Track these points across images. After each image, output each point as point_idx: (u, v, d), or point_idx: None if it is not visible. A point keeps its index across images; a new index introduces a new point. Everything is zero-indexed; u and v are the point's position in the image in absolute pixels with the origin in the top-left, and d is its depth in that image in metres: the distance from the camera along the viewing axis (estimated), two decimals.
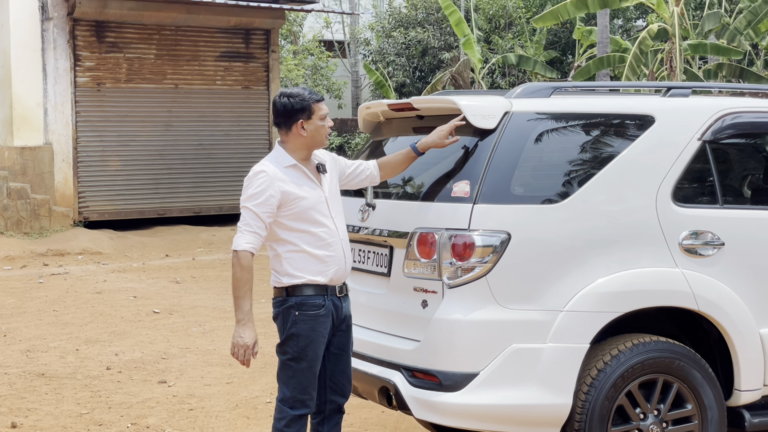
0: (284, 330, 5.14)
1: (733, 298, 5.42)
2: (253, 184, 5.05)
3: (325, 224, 5.14)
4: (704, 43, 20.74)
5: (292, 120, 5.14)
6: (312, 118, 5.14)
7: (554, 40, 30.01)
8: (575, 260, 5.20)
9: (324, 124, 5.19)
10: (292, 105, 5.12)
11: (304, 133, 5.14)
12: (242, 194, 5.10)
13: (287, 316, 5.12)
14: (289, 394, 5.14)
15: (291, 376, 5.13)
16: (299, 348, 5.10)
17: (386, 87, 26.48)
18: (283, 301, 5.14)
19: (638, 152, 5.42)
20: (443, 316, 5.15)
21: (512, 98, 5.44)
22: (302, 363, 5.11)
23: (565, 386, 5.13)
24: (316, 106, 5.15)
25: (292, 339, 5.10)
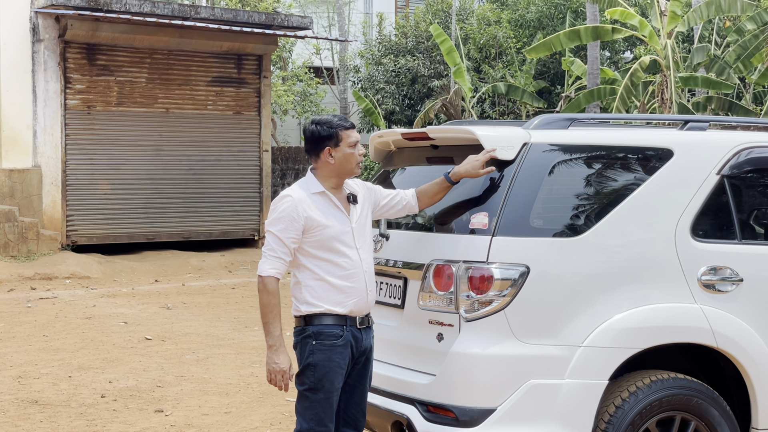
0: (302, 360, 5.07)
1: (751, 334, 5.36)
2: (278, 209, 5.01)
3: (348, 255, 5.07)
4: (695, 76, 20.80)
5: (319, 147, 5.10)
6: (340, 146, 5.09)
7: (543, 70, 30.08)
8: (594, 295, 5.13)
9: (353, 152, 5.12)
10: (320, 132, 5.08)
11: (332, 160, 5.09)
12: (268, 218, 5.06)
13: (305, 345, 5.05)
14: (306, 425, 5.05)
15: (308, 407, 5.05)
16: (316, 378, 5.02)
17: (375, 114, 26.46)
18: (302, 330, 5.07)
19: (657, 186, 5.36)
20: (460, 350, 5.06)
21: (530, 129, 5.37)
22: (319, 394, 5.02)
23: (584, 423, 5.05)
24: (344, 134, 5.09)
25: (309, 369, 5.03)
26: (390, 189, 5.50)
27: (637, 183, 5.36)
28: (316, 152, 5.13)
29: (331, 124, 5.09)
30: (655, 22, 20.48)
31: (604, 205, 5.28)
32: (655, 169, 5.40)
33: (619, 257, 5.22)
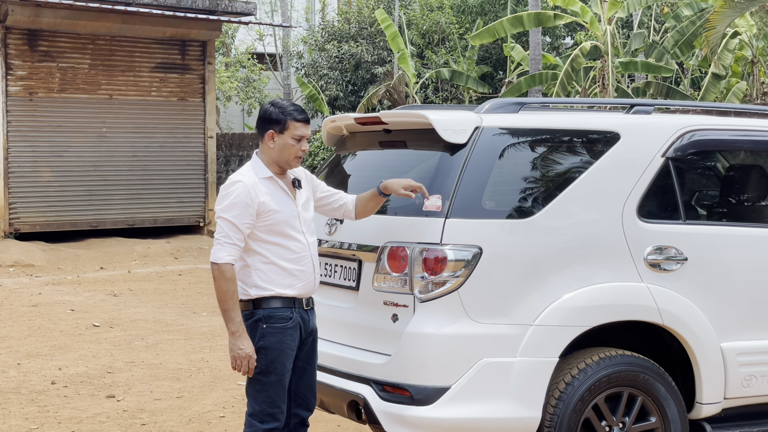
0: (252, 343, 5.09)
1: (695, 312, 5.51)
2: (231, 194, 5.01)
3: (297, 239, 5.13)
4: (635, 61, 21.10)
5: (265, 128, 5.15)
6: (284, 134, 5.11)
7: (486, 55, 30.26)
8: (544, 275, 5.25)
9: (295, 145, 5.13)
10: (270, 114, 5.13)
11: (272, 145, 5.12)
12: (218, 204, 5.04)
13: (255, 329, 5.08)
14: (259, 408, 5.11)
15: (260, 390, 5.10)
16: (268, 361, 5.07)
17: (319, 100, 26.47)
18: (251, 314, 5.10)
19: (604, 168, 5.50)
20: (415, 330, 5.16)
21: (482, 113, 5.48)
22: (271, 376, 5.08)
23: (535, 400, 5.17)
24: (292, 124, 5.11)
25: (261, 352, 5.07)
26: (331, 188, 5.56)
27: (585, 166, 5.49)
28: (260, 132, 5.18)
29: (284, 111, 5.12)
30: (595, 8, 20.74)
31: (554, 188, 5.40)
32: (602, 152, 5.53)
33: (568, 238, 5.35)
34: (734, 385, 5.63)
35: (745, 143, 6.10)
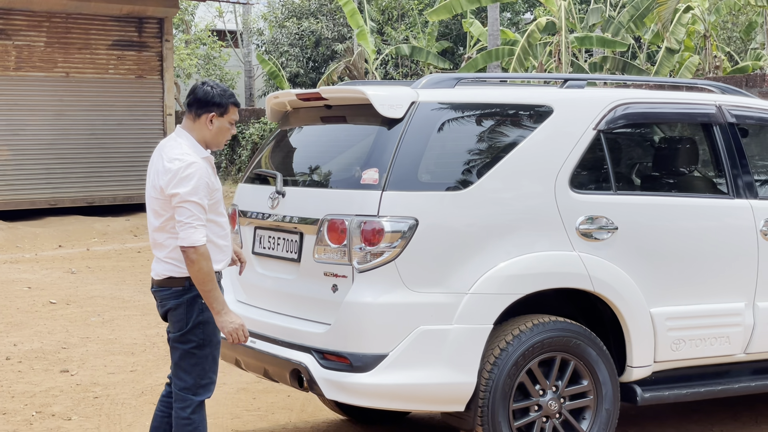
0: (189, 319, 5.13)
1: (625, 279, 5.71)
2: (194, 176, 4.97)
3: (224, 215, 5.23)
4: (590, 36, 21.32)
5: (205, 109, 5.14)
6: (224, 117, 5.16)
7: (445, 31, 30.41)
8: (479, 245, 5.42)
9: (230, 129, 5.20)
10: (213, 96, 5.12)
11: (210, 127, 5.14)
12: (180, 187, 4.95)
13: (193, 304, 5.11)
14: (192, 381, 5.17)
15: (195, 363, 5.17)
16: (205, 335, 5.15)
17: (280, 77, 26.53)
18: (187, 290, 5.12)
19: (538, 141, 5.67)
20: (353, 299, 5.32)
21: (418, 88, 5.63)
22: (206, 349, 5.16)
23: (470, 365, 5.35)
24: (232, 109, 5.17)
25: (199, 327, 5.13)
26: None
27: (519, 139, 5.66)
28: (198, 112, 5.14)
29: (225, 94, 5.15)
30: None
31: (489, 161, 5.57)
32: (536, 126, 5.70)
33: (502, 209, 5.52)
34: (663, 349, 5.84)
35: (674, 116, 6.29)
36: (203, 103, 5.14)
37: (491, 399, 5.41)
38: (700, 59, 20.81)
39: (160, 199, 5.06)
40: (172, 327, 5.22)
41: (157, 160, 5.14)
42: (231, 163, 27.22)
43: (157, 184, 5.05)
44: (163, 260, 5.13)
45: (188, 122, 5.18)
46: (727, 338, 6.01)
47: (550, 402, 5.58)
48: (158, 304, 5.30)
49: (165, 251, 5.11)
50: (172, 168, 4.98)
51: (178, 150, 5.06)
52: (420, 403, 5.46)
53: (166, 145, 5.16)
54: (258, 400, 7.50)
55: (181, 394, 5.19)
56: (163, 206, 5.06)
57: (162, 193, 5.02)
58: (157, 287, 5.22)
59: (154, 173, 5.13)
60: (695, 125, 6.31)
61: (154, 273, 5.22)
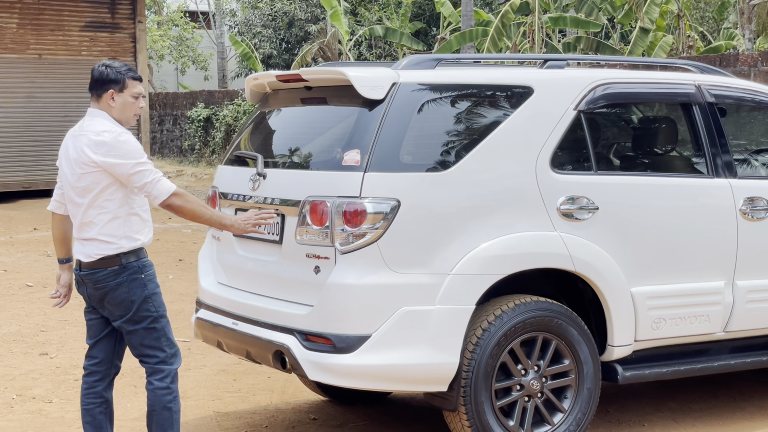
0: (132, 298, 5.12)
1: (606, 259, 5.74)
2: (130, 142, 5.04)
3: None
4: (564, 16, 21.32)
5: (103, 88, 5.14)
6: (123, 92, 5.16)
7: (419, 12, 30.36)
8: (461, 226, 5.44)
9: (134, 103, 5.20)
10: (108, 74, 5.13)
11: (113, 104, 5.15)
12: (125, 157, 4.98)
13: (134, 281, 5.12)
14: (164, 354, 5.23)
15: (159, 335, 5.21)
16: (156, 306, 5.18)
17: (253, 59, 26.43)
18: (123, 269, 5.11)
19: (518, 122, 5.68)
20: (336, 280, 5.32)
21: (399, 69, 5.63)
22: (163, 319, 5.22)
23: (453, 346, 5.37)
24: (130, 82, 5.18)
25: (149, 301, 5.14)
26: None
27: (500, 119, 5.67)
28: (99, 93, 5.16)
29: (120, 71, 5.17)
30: None
31: (470, 141, 5.58)
32: (516, 106, 5.71)
33: (484, 190, 5.53)
34: (644, 328, 5.88)
35: (654, 95, 6.32)
36: (100, 82, 5.17)
37: (474, 379, 5.43)
38: (673, 39, 20.87)
39: (89, 173, 5.05)
40: (115, 311, 5.16)
41: (75, 143, 5.12)
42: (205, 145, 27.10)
43: (84, 159, 5.03)
44: (94, 239, 5.09)
45: (94, 103, 5.21)
46: (707, 317, 6.06)
47: (532, 381, 5.61)
48: (89, 289, 5.19)
49: (95, 228, 5.10)
50: (105, 140, 5.02)
51: (101, 125, 5.09)
52: (403, 383, 5.48)
53: (82, 125, 5.17)
54: (238, 382, 7.50)
55: (157, 367, 5.23)
56: (93, 180, 5.05)
57: (92, 166, 5.01)
58: (88, 270, 5.14)
59: (74, 154, 5.09)
60: (675, 105, 6.33)
61: (83, 255, 5.15)
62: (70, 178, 5.15)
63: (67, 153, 5.17)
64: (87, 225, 5.12)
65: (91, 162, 5.03)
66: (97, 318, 5.32)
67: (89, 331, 5.39)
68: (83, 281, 5.20)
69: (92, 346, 5.38)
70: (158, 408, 5.26)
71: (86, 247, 5.13)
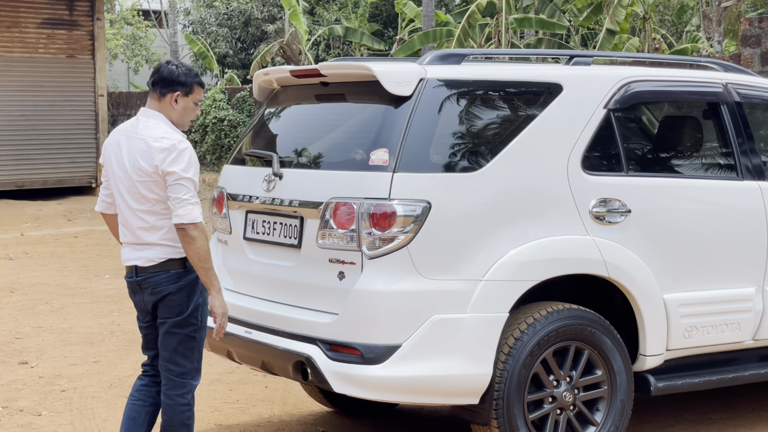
0: (188, 303, 4.95)
1: (639, 264, 5.49)
2: (186, 153, 4.82)
3: None
4: (529, 17, 21.18)
5: (170, 89, 4.95)
6: (189, 97, 4.98)
7: (376, 12, 30.10)
8: (493, 229, 5.16)
9: (195, 109, 5.03)
10: (178, 75, 4.95)
11: (176, 106, 4.96)
12: (175, 165, 4.77)
13: (193, 287, 4.95)
14: (191, 365, 5.00)
15: (193, 347, 5.00)
16: (202, 317, 5.00)
17: (209, 58, 26.00)
18: (184, 273, 4.94)
19: (549, 120, 5.42)
20: (364, 287, 5.02)
21: (425, 65, 5.34)
22: (202, 332, 5.02)
23: (486, 356, 5.09)
24: (197, 89, 5.00)
25: (198, 310, 4.97)
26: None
27: (530, 117, 5.40)
28: (164, 92, 4.95)
29: (189, 74, 4.99)
30: None
31: (500, 140, 5.30)
32: (546, 104, 5.45)
33: (516, 191, 5.26)
34: (676, 337, 5.64)
35: (683, 94, 6.08)
36: (168, 82, 4.96)
37: (506, 391, 5.16)
38: (639, 41, 20.82)
39: (148, 181, 4.84)
40: (167, 312, 4.96)
41: (130, 144, 4.87)
42: None
43: (142, 165, 4.82)
44: (157, 244, 4.90)
45: (153, 102, 4.98)
46: (738, 325, 5.84)
47: (564, 393, 5.34)
48: (146, 294, 4.98)
49: (159, 233, 4.90)
50: (163, 146, 4.80)
51: (160, 130, 4.88)
52: (434, 396, 5.18)
53: (137, 126, 4.93)
54: (235, 392, 7.17)
55: (179, 380, 4.98)
56: (152, 188, 4.84)
57: (151, 174, 4.81)
58: (149, 274, 4.94)
59: (132, 156, 4.85)
60: (703, 104, 6.10)
61: (141, 260, 4.95)
62: (125, 183, 4.90)
63: (120, 155, 4.91)
64: (146, 230, 4.89)
65: (151, 169, 4.80)
66: (151, 332, 5.11)
67: (146, 344, 5.19)
68: (140, 287, 4.98)
69: (151, 357, 5.19)
70: (176, 423, 4.99)
71: (145, 252, 4.91)
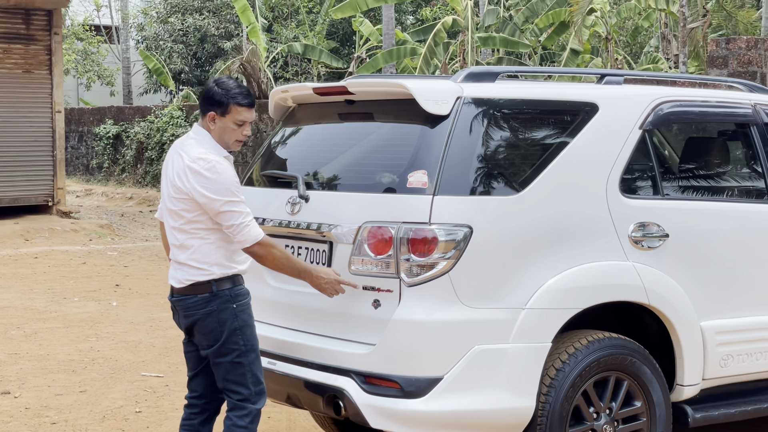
0: (222, 328, 4.78)
1: (678, 290, 5.30)
2: (223, 175, 4.70)
3: None
4: (494, 36, 21.11)
5: (207, 108, 4.86)
6: (225, 117, 4.82)
7: (332, 30, 29.89)
8: (534, 254, 4.94)
9: (236, 130, 4.85)
10: (213, 94, 4.84)
11: (213, 126, 4.85)
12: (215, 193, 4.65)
13: (226, 310, 4.78)
14: (248, 391, 4.83)
15: (243, 373, 4.82)
16: (245, 340, 4.81)
17: (165, 74, 25.60)
18: (215, 296, 4.77)
19: (586, 142, 5.21)
20: (403, 316, 4.76)
21: (459, 82, 5.11)
22: (251, 355, 4.82)
23: (529, 388, 4.86)
24: (235, 108, 4.82)
25: (237, 333, 4.79)
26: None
27: (567, 138, 5.19)
28: (203, 111, 4.89)
29: (228, 93, 4.81)
30: None
31: (539, 162, 5.08)
32: (583, 124, 5.24)
33: (556, 215, 5.05)
34: (713, 366, 5.46)
35: (714, 115, 5.90)
36: (204, 100, 4.90)
37: (548, 424, 4.92)
38: (602, 62, 20.81)
39: (182, 200, 4.75)
40: (203, 341, 4.82)
41: (175, 159, 4.83)
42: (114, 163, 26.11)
43: (178, 184, 4.74)
44: (185, 264, 4.78)
45: (201, 120, 4.91)
46: None
47: (604, 426, 5.11)
48: (180, 316, 4.90)
49: (187, 253, 4.78)
50: (196, 168, 4.69)
51: (199, 149, 4.77)
52: (476, 430, 4.92)
53: (184, 143, 4.87)
54: None
55: (240, 404, 4.82)
56: (184, 207, 4.75)
57: (185, 194, 4.72)
58: (179, 296, 4.84)
59: (173, 173, 4.80)
60: (733, 125, 5.94)
61: (174, 280, 4.85)
62: (166, 197, 4.85)
63: (167, 168, 4.86)
64: (179, 248, 4.80)
65: (185, 189, 4.70)
66: (193, 350, 4.97)
67: (188, 364, 5.05)
68: (175, 308, 4.89)
69: (191, 379, 5.05)
70: None
71: (178, 272, 4.81)
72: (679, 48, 17.19)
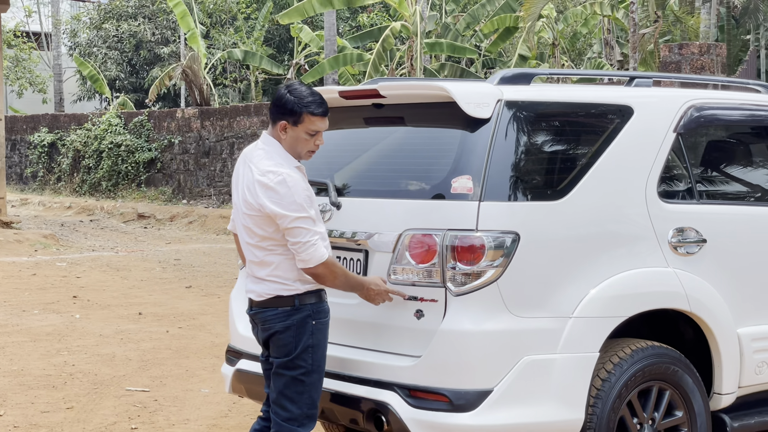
0: (297, 343, 4.60)
1: (716, 297, 5.20)
2: (293, 190, 4.49)
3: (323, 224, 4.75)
4: (441, 42, 21.07)
5: (278, 117, 4.65)
6: (297, 127, 4.61)
7: (268, 36, 29.60)
8: (579, 261, 4.80)
9: (309, 140, 4.65)
10: (286, 103, 4.61)
11: (284, 136, 4.64)
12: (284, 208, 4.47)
13: (303, 326, 4.61)
14: (298, 411, 4.63)
15: (302, 391, 4.62)
16: (314, 360, 4.63)
17: (100, 81, 25.10)
18: (296, 310, 4.61)
19: (624, 145, 5.09)
20: (451, 327, 4.59)
21: (497, 85, 4.95)
22: (314, 375, 4.64)
23: (578, 399, 4.72)
24: (308, 118, 4.61)
25: (309, 351, 4.61)
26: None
27: (606, 142, 5.05)
28: (274, 119, 4.67)
29: (301, 102, 4.60)
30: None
31: (580, 167, 4.94)
32: (620, 128, 5.11)
33: (599, 220, 4.92)
34: (748, 373, 5.37)
35: (744, 118, 5.82)
36: (274, 109, 4.67)
37: None
38: (549, 67, 20.87)
39: (254, 216, 4.56)
40: (276, 352, 4.65)
41: (245, 171, 4.62)
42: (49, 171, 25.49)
43: (249, 199, 4.55)
44: (265, 279, 4.61)
45: (271, 129, 4.68)
46: None
47: None
48: (259, 329, 4.74)
49: (267, 269, 4.60)
50: (266, 182, 4.49)
51: (269, 161, 4.55)
52: None
53: (253, 154, 4.64)
54: None
55: (285, 425, 4.63)
56: (257, 223, 4.55)
57: (257, 209, 4.53)
58: (259, 309, 4.67)
59: (243, 186, 4.60)
60: (764, 128, 5.87)
61: (254, 294, 4.68)
62: (239, 212, 4.66)
63: (237, 181, 4.67)
64: (257, 264, 4.61)
65: (258, 205, 4.50)
66: (269, 368, 4.77)
67: (266, 381, 4.84)
68: (254, 321, 4.72)
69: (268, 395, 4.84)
70: None
71: (258, 286, 4.63)
72: (630, 53, 17.26)
